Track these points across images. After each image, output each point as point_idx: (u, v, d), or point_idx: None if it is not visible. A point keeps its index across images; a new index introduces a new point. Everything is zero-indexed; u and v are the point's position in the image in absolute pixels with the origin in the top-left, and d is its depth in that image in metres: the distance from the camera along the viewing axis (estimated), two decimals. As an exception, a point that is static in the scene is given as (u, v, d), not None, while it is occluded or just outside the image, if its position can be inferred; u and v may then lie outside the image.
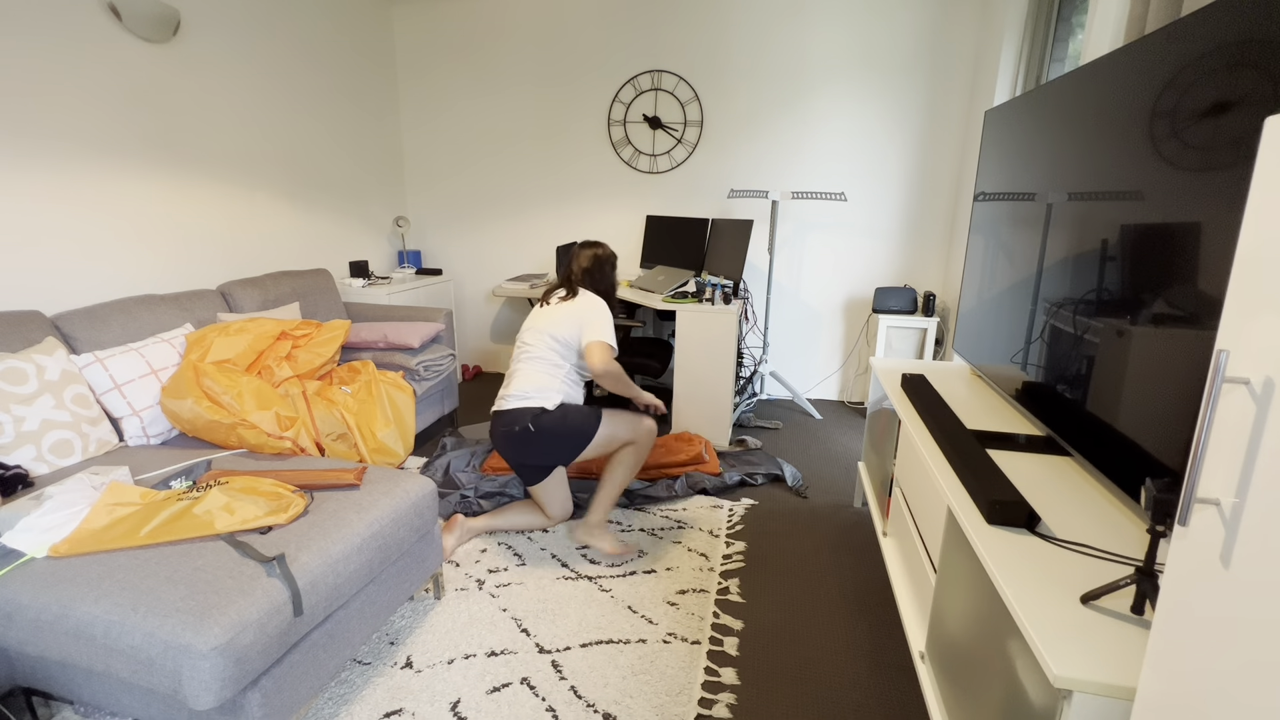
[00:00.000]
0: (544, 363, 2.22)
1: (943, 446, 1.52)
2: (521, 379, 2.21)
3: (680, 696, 1.59)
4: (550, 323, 2.25)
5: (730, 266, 3.28)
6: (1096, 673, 0.83)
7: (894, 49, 3.44)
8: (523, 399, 2.17)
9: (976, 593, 1.17)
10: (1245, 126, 0.94)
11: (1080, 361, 1.40)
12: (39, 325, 2.00)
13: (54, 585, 1.30)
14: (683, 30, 3.69)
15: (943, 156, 3.52)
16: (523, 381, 2.20)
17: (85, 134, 2.31)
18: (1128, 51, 1.28)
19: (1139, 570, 0.94)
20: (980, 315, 2.08)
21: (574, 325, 2.22)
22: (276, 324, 2.43)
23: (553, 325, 2.24)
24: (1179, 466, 1.03)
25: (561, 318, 2.24)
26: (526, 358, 2.25)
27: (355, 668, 1.67)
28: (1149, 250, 1.18)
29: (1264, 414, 0.60)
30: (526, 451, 2.16)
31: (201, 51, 2.74)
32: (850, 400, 3.96)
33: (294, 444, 2.04)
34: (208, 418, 1.98)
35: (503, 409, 2.19)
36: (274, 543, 1.44)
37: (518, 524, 2.32)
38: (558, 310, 2.27)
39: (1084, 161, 1.43)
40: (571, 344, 2.23)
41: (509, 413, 2.17)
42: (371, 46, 3.89)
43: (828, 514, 2.52)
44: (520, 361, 2.26)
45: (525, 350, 2.27)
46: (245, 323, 2.35)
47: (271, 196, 3.18)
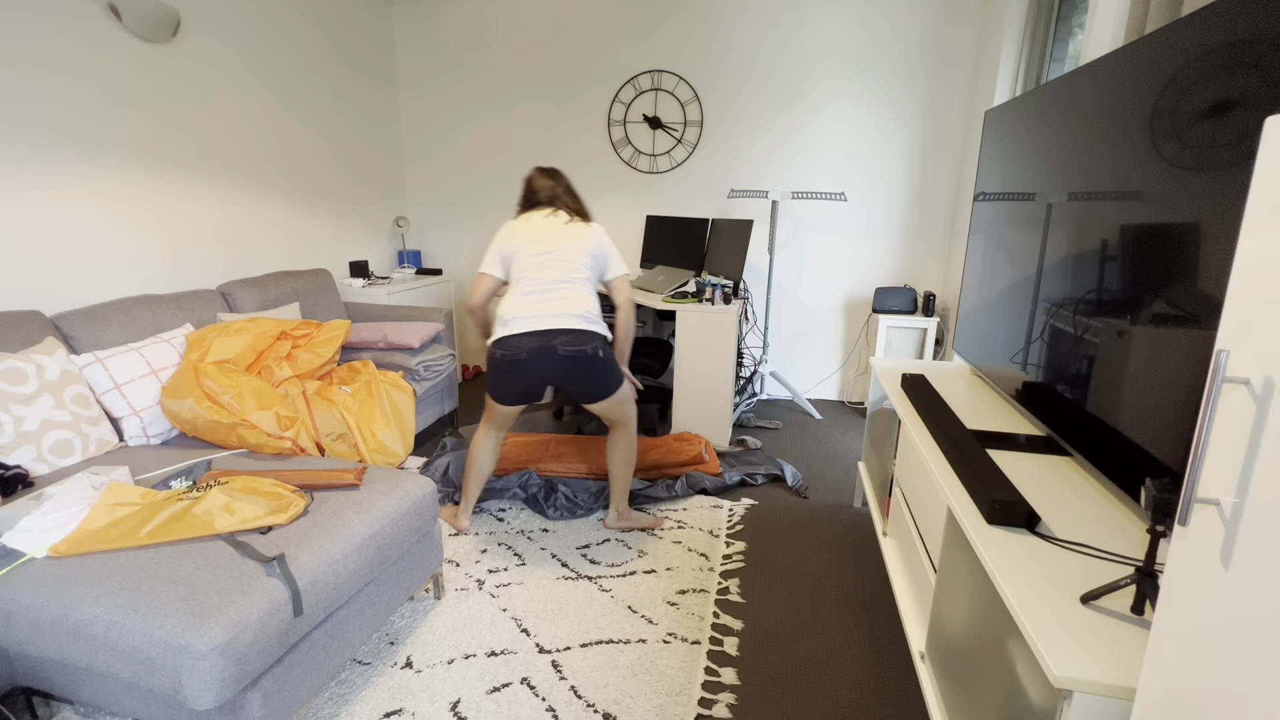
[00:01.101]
0: (590, 285, 2.15)
1: (943, 446, 1.52)
2: (580, 299, 2.08)
3: (680, 696, 1.59)
4: (583, 242, 2.13)
5: (730, 266, 3.28)
6: (1096, 673, 0.83)
7: (894, 49, 3.44)
8: (588, 321, 2.08)
9: (976, 593, 1.17)
10: (1245, 126, 0.94)
11: (1080, 361, 1.40)
12: (39, 325, 2.00)
13: (54, 585, 1.30)
14: (683, 30, 3.69)
15: (943, 156, 3.52)
16: (581, 303, 2.08)
17: (85, 134, 2.31)
18: (1127, 51, 1.28)
19: (1139, 570, 0.94)
20: (980, 315, 2.08)
21: (601, 253, 2.17)
22: (276, 324, 2.43)
23: (587, 245, 2.13)
24: (1179, 466, 1.03)
25: (588, 241, 2.14)
26: (574, 277, 2.10)
27: (355, 668, 1.67)
28: (1149, 250, 1.18)
29: (1264, 414, 0.60)
30: (587, 377, 2.09)
31: (201, 51, 2.74)
32: (850, 400, 3.96)
33: (294, 444, 2.04)
34: (207, 417, 1.98)
35: (563, 327, 2.03)
36: (274, 543, 1.44)
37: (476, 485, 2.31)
38: (581, 232, 2.14)
39: (1084, 161, 1.43)
40: (598, 272, 2.19)
41: (576, 332, 2.04)
42: (371, 47, 3.89)
43: (828, 514, 2.52)
44: (567, 280, 2.09)
45: (568, 267, 2.09)
46: (245, 323, 2.35)
47: (271, 196, 3.18)
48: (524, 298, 2.09)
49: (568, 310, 2.07)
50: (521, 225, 2.17)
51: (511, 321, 2.07)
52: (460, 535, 2.31)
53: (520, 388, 2.11)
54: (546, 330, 2.04)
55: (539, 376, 2.07)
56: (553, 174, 2.26)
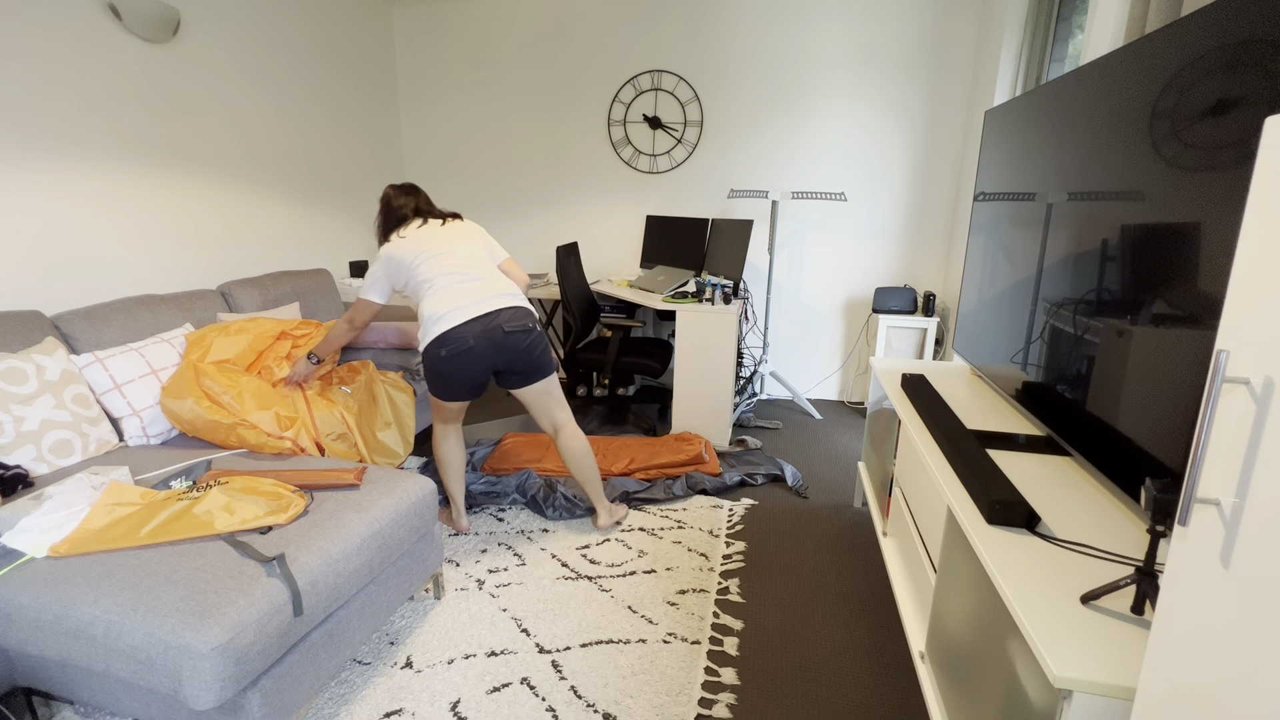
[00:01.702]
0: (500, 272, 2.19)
1: (943, 446, 1.52)
2: (504, 281, 2.13)
3: (680, 696, 1.59)
4: (471, 235, 2.18)
5: (730, 266, 3.28)
6: (1096, 673, 0.83)
7: (894, 49, 3.44)
8: (519, 298, 2.13)
9: (976, 593, 1.17)
10: (1245, 126, 0.94)
11: (1080, 361, 1.40)
12: (39, 325, 2.00)
13: (54, 585, 1.30)
14: (683, 30, 3.69)
15: (943, 156, 3.52)
16: (506, 283, 2.13)
17: (85, 134, 2.31)
18: (1127, 51, 1.28)
19: (1139, 570, 0.94)
20: (980, 315, 2.08)
21: (487, 240, 2.22)
22: (276, 324, 2.43)
23: (475, 237, 2.18)
24: (1179, 466, 1.03)
25: (474, 233, 2.19)
26: (486, 264, 2.15)
27: (355, 668, 1.67)
28: (1149, 250, 1.18)
29: (1264, 414, 0.60)
30: (529, 352, 2.10)
31: (201, 51, 2.74)
32: (850, 400, 3.96)
33: (294, 444, 2.04)
34: (207, 418, 1.98)
35: (502, 306, 2.06)
36: (274, 543, 1.44)
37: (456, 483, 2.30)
38: (462, 228, 2.19)
39: (1084, 161, 1.43)
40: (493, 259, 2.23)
41: (515, 309, 2.08)
42: (371, 46, 3.89)
43: (828, 514, 2.52)
44: (482, 267, 2.13)
45: (474, 258, 2.13)
46: (245, 322, 2.35)
47: (271, 196, 3.18)
48: (452, 290, 2.05)
49: (500, 291, 2.09)
50: (402, 243, 2.11)
51: (447, 315, 2.01)
52: (459, 535, 2.31)
53: (468, 380, 2.08)
54: (487, 313, 2.03)
55: (487, 362, 2.06)
56: (409, 190, 2.24)
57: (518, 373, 2.14)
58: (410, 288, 2.11)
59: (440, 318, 2.01)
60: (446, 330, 2.00)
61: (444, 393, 2.11)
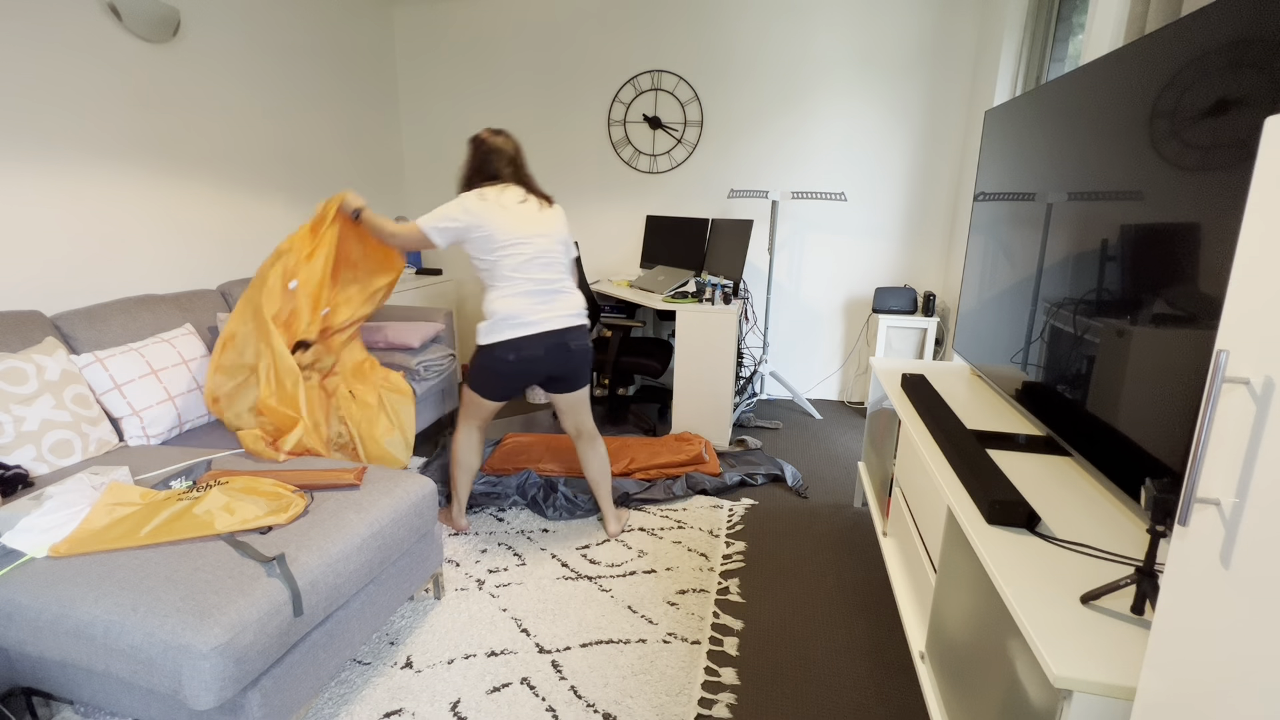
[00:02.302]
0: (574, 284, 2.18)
1: (943, 446, 1.52)
2: (578, 297, 2.15)
3: (680, 696, 1.59)
4: (561, 231, 2.12)
5: (730, 266, 3.28)
6: (1096, 673, 0.83)
7: (894, 49, 3.44)
8: (584, 316, 2.17)
9: (976, 593, 1.17)
10: (1245, 126, 0.94)
11: (1080, 361, 1.40)
12: (39, 325, 2.00)
13: (54, 585, 1.30)
14: (683, 30, 3.69)
15: (943, 156, 3.52)
16: (579, 301, 2.15)
17: (85, 134, 2.31)
18: (1127, 51, 1.28)
19: (1139, 570, 0.94)
20: (980, 315, 2.08)
21: (569, 238, 2.18)
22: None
23: (563, 234, 2.13)
24: (1179, 466, 1.03)
25: (562, 228, 2.14)
26: (565, 275, 2.13)
27: (355, 668, 1.67)
28: (1149, 250, 1.18)
29: (1264, 414, 0.60)
30: (580, 367, 2.16)
31: (201, 52, 2.74)
32: (850, 400, 3.96)
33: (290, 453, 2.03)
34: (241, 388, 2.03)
35: (573, 325, 2.11)
36: (274, 543, 1.44)
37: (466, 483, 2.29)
38: (554, 219, 2.11)
39: (1084, 161, 1.43)
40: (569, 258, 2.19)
41: (581, 328, 2.14)
42: (371, 46, 3.89)
43: (828, 514, 2.52)
44: (563, 279, 2.11)
45: (557, 265, 2.09)
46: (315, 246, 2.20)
47: (272, 196, 3.18)
48: (535, 298, 2.05)
49: (574, 310, 2.14)
50: (500, 215, 2.00)
51: (527, 322, 2.02)
52: (459, 535, 2.31)
53: (523, 384, 2.12)
54: (560, 329, 2.08)
55: (546, 370, 2.11)
56: (506, 135, 2.11)
57: (565, 380, 2.17)
58: (483, 263, 2.04)
59: (519, 322, 2.02)
60: (521, 336, 2.02)
61: (494, 393, 2.12)
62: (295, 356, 2.14)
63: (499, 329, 2.02)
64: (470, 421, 2.22)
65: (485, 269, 2.05)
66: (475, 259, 2.06)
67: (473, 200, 2.00)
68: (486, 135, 2.10)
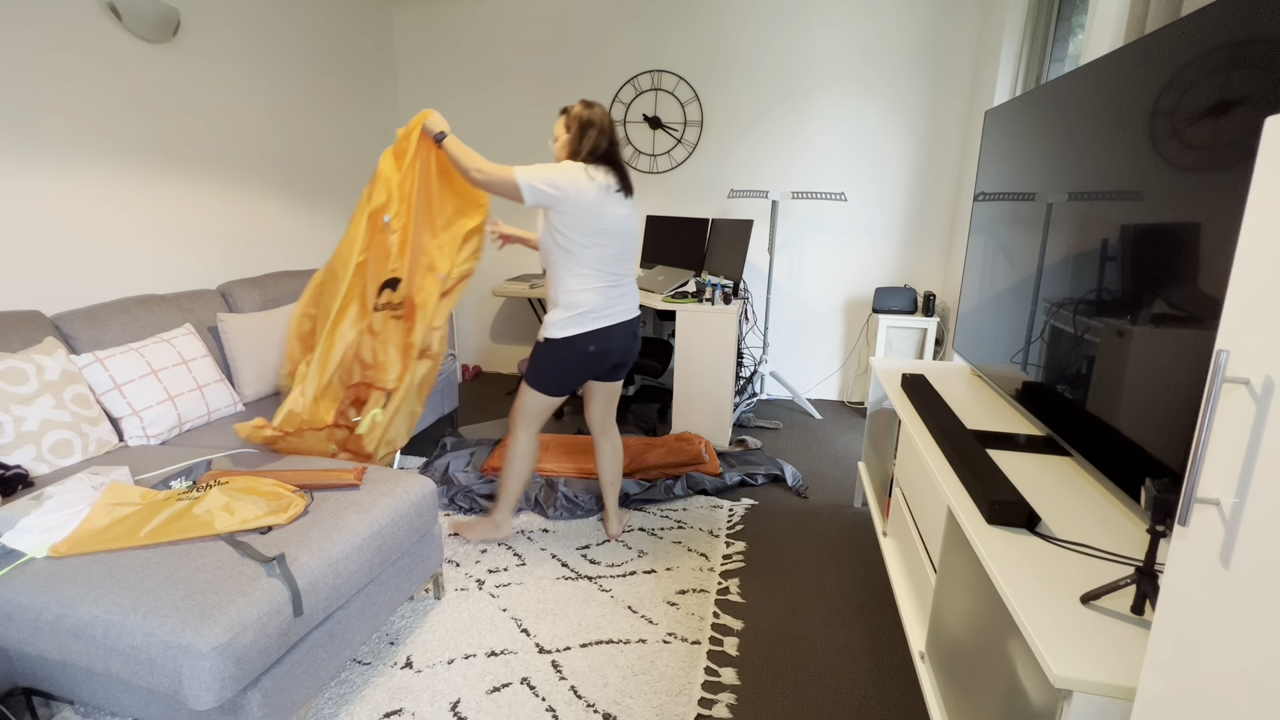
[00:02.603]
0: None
1: (943, 446, 1.52)
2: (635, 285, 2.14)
3: (680, 696, 1.59)
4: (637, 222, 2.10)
5: (730, 266, 3.28)
6: (1096, 673, 0.83)
7: (894, 49, 3.44)
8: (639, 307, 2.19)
9: (976, 593, 1.17)
10: (1245, 126, 0.94)
11: (1080, 361, 1.40)
12: (39, 325, 2.00)
13: (54, 585, 1.30)
14: (683, 30, 3.69)
15: (943, 156, 3.52)
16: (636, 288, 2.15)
17: (85, 134, 2.31)
18: (1127, 51, 1.28)
19: (1139, 570, 0.94)
20: (980, 315, 2.08)
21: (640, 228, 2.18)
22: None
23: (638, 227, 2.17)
24: (1179, 466, 1.03)
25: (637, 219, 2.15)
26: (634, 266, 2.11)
27: (355, 668, 1.67)
28: (1149, 250, 1.18)
29: (1264, 414, 0.60)
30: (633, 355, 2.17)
31: (201, 52, 2.74)
32: (850, 400, 3.96)
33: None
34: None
35: (638, 314, 2.13)
36: (274, 543, 1.44)
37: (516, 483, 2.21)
38: (635, 219, 2.05)
39: (1084, 161, 1.43)
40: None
41: (640, 318, 2.16)
42: (371, 46, 3.89)
43: (828, 514, 2.52)
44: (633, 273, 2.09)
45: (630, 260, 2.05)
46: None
47: (271, 196, 3.18)
48: (614, 289, 2.00)
49: (637, 298, 2.15)
50: (599, 197, 1.89)
51: (608, 313, 1.99)
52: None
53: (592, 375, 2.11)
54: (631, 319, 2.11)
55: (615, 360, 2.09)
56: (600, 107, 1.98)
57: (622, 367, 2.17)
58: (565, 241, 1.91)
59: (601, 313, 1.98)
60: (603, 328, 1.99)
61: (563, 388, 2.06)
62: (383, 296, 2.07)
63: (582, 321, 1.95)
64: (532, 426, 2.13)
65: (563, 249, 1.91)
66: (556, 232, 1.90)
67: (583, 177, 1.88)
68: (584, 109, 1.95)
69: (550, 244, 1.95)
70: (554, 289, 1.98)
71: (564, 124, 1.97)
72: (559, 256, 1.94)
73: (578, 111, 1.94)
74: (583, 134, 1.94)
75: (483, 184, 1.91)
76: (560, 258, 1.94)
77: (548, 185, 1.85)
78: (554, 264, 1.96)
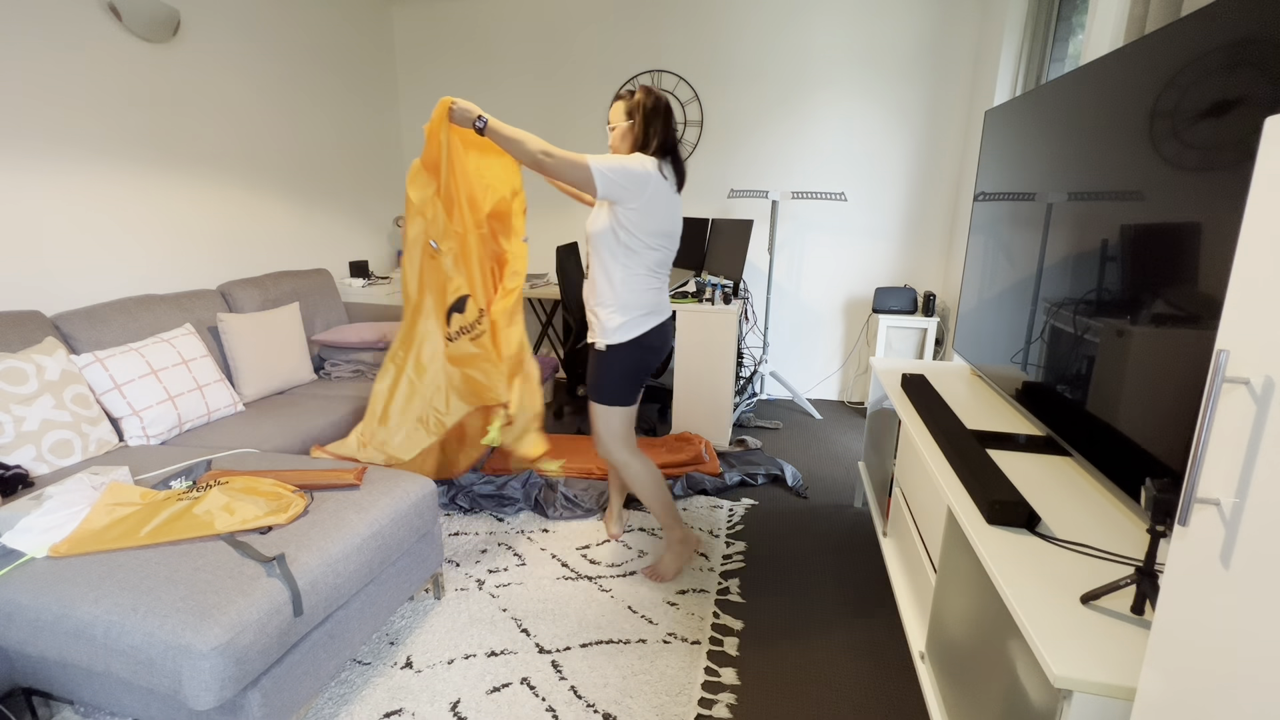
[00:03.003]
0: None
1: (943, 446, 1.52)
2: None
3: (680, 696, 1.59)
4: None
5: (730, 266, 3.28)
6: (1096, 673, 0.83)
7: (894, 49, 3.44)
8: None
9: (976, 593, 1.17)
10: (1245, 126, 0.94)
11: (1080, 361, 1.40)
12: (39, 325, 2.00)
13: (54, 585, 1.30)
14: (683, 30, 3.69)
15: (943, 156, 3.52)
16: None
17: (85, 134, 2.31)
18: (1127, 51, 1.28)
19: (1139, 570, 0.94)
20: (980, 315, 2.08)
21: None
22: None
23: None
24: (1179, 466, 1.03)
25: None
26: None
27: (355, 668, 1.67)
28: (1149, 250, 1.18)
29: (1264, 414, 0.60)
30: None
31: (201, 51, 2.74)
32: (850, 400, 3.96)
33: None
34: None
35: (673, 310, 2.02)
36: (274, 543, 1.43)
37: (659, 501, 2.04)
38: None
39: (1084, 161, 1.43)
40: None
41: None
42: (371, 46, 3.89)
43: (828, 514, 2.52)
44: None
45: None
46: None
47: (271, 196, 3.18)
48: (659, 290, 1.91)
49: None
50: (669, 196, 1.81)
51: (663, 309, 1.91)
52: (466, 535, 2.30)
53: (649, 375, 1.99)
54: (672, 313, 2.01)
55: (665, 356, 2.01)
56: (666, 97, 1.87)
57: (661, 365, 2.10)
58: (627, 239, 1.79)
59: (660, 310, 1.89)
60: (660, 324, 1.90)
61: (634, 392, 1.95)
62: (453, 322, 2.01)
63: (643, 321, 1.86)
64: (629, 443, 1.98)
65: (626, 247, 1.80)
66: (621, 229, 1.78)
67: (657, 175, 1.77)
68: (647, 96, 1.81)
69: (610, 240, 1.81)
70: (606, 288, 1.85)
71: (625, 110, 1.84)
72: (618, 253, 1.81)
73: (641, 99, 1.81)
74: (648, 125, 1.81)
75: (550, 168, 1.74)
76: (620, 255, 1.81)
77: (625, 178, 1.72)
78: (609, 260, 1.83)
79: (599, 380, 1.91)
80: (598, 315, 1.88)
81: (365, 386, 2.70)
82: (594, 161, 1.71)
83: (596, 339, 1.90)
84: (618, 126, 1.87)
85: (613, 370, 1.88)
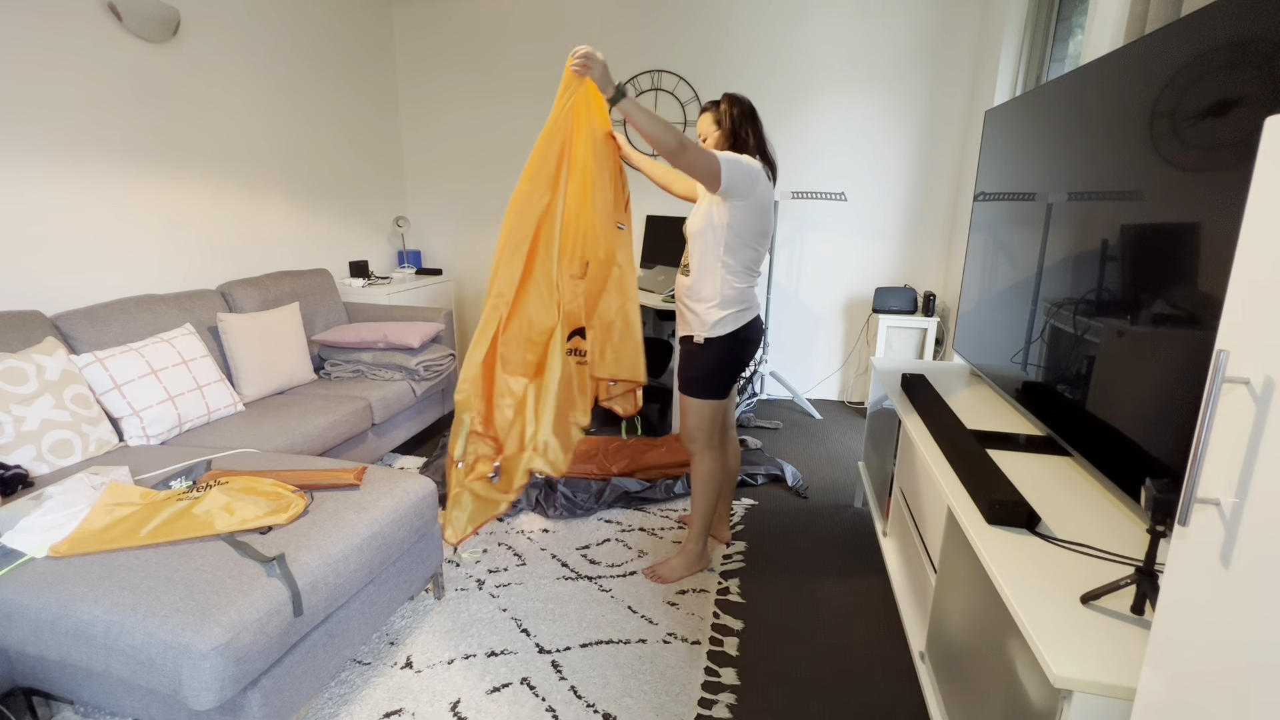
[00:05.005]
0: None
1: (943, 446, 1.52)
2: None
3: (680, 696, 1.59)
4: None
5: (730, 266, 3.27)
6: (1096, 673, 0.83)
7: (894, 49, 3.44)
8: None
9: (976, 593, 1.17)
10: (1245, 126, 0.94)
11: (1080, 361, 1.40)
12: (39, 325, 2.00)
13: (54, 585, 1.30)
14: (683, 30, 3.69)
15: (943, 156, 3.52)
16: None
17: (85, 134, 2.31)
18: (1127, 51, 1.28)
19: (1139, 570, 0.94)
20: (980, 315, 2.08)
21: None
22: None
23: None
24: (1179, 466, 1.03)
25: None
26: None
27: (355, 668, 1.67)
28: (1149, 250, 1.18)
29: (1264, 414, 0.60)
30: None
31: (201, 51, 2.74)
32: (850, 400, 3.96)
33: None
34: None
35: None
36: (274, 543, 1.43)
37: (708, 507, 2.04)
38: None
39: (1084, 161, 1.43)
40: None
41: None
42: (371, 46, 3.89)
43: (828, 514, 2.52)
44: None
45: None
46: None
47: (271, 196, 3.18)
48: (753, 287, 1.96)
49: None
50: (770, 192, 1.82)
51: (754, 307, 1.95)
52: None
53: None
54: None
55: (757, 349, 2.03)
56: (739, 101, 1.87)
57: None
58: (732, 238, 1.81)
59: (755, 305, 1.95)
60: (755, 318, 1.95)
61: (727, 386, 1.95)
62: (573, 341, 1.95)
63: (741, 315, 1.89)
64: (712, 440, 1.97)
65: (729, 245, 1.81)
66: (728, 227, 1.79)
67: (765, 174, 1.79)
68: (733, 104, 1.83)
69: (712, 239, 1.82)
70: (706, 282, 1.86)
71: (714, 119, 1.85)
72: (722, 250, 1.82)
73: (727, 107, 1.83)
74: (741, 128, 1.81)
75: (678, 154, 1.64)
76: (723, 252, 1.82)
77: (742, 171, 1.72)
78: (713, 255, 1.84)
79: (696, 373, 1.92)
80: (696, 311, 1.90)
81: (365, 386, 2.70)
82: (725, 161, 1.70)
83: (695, 332, 1.92)
84: (708, 137, 1.88)
85: (709, 364, 1.90)
